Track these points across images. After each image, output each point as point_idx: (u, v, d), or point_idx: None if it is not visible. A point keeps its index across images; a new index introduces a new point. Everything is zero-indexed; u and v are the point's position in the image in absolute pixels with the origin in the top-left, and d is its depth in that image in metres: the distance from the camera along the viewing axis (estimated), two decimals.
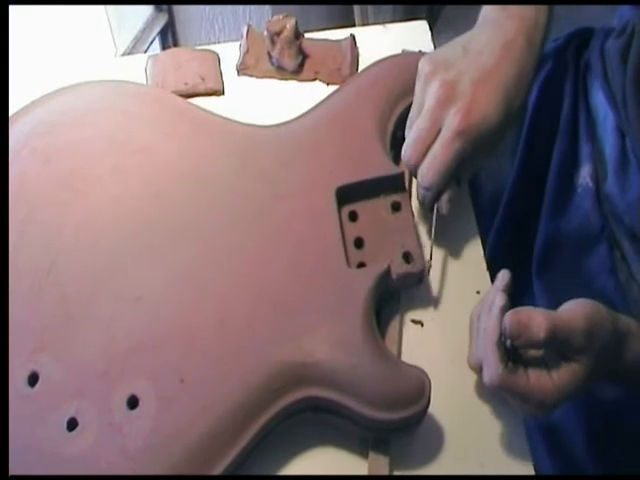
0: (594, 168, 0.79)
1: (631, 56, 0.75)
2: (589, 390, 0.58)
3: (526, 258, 0.80)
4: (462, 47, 0.66)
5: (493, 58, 0.64)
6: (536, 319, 0.55)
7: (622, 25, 0.79)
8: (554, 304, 0.74)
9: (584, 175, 0.79)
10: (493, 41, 0.65)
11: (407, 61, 0.74)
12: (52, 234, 0.65)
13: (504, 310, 0.56)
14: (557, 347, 0.56)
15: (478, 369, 0.60)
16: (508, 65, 0.64)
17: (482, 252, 0.70)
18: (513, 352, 0.57)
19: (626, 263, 0.75)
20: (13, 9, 0.74)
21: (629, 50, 0.75)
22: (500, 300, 0.58)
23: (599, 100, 0.80)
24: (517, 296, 0.79)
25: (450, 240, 0.70)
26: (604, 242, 0.76)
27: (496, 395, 0.62)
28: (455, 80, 0.63)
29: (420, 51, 0.78)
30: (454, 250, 0.70)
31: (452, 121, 0.62)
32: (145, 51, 1.52)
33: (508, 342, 0.56)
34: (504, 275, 0.61)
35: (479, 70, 0.64)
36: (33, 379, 0.59)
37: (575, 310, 0.56)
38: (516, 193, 0.83)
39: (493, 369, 0.55)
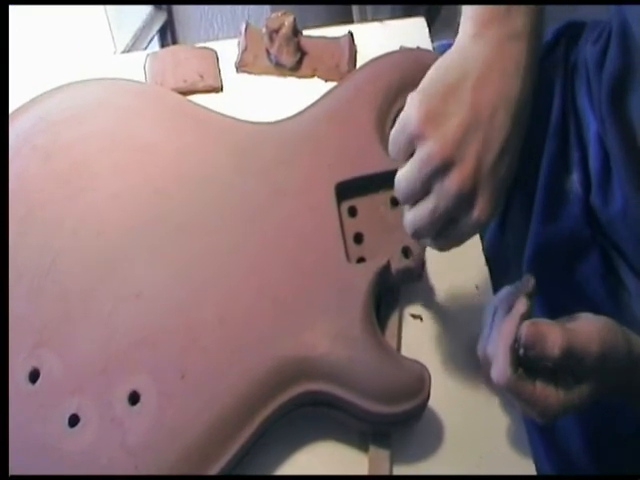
0: (583, 175, 0.76)
1: (607, 64, 0.72)
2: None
3: (518, 261, 0.79)
4: (466, 99, 0.53)
5: (508, 121, 0.54)
6: (553, 335, 0.53)
7: (600, 27, 0.76)
8: (545, 308, 0.74)
9: (574, 181, 0.77)
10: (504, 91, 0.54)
11: (405, 58, 0.74)
12: (52, 231, 0.65)
13: (524, 317, 0.56)
14: (569, 366, 0.55)
15: (485, 362, 0.59)
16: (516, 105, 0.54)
17: (481, 247, 0.71)
18: (525, 359, 0.56)
19: (616, 270, 0.75)
20: (12, 7, 0.74)
21: (606, 56, 0.72)
22: (522, 306, 0.56)
23: (585, 105, 0.77)
24: None
25: None
26: (596, 249, 0.75)
27: (497, 389, 0.62)
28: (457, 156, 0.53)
29: (418, 47, 0.79)
30: None
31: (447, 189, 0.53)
32: (144, 49, 1.53)
33: (521, 350, 0.55)
34: (529, 280, 0.59)
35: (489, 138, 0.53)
36: (34, 376, 0.59)
37: (592, 332, 0.55)
38: (510, 195, 0.82)
39: (502, 371, 0.55)
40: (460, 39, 0.57)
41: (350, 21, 1.34)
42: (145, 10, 1.56)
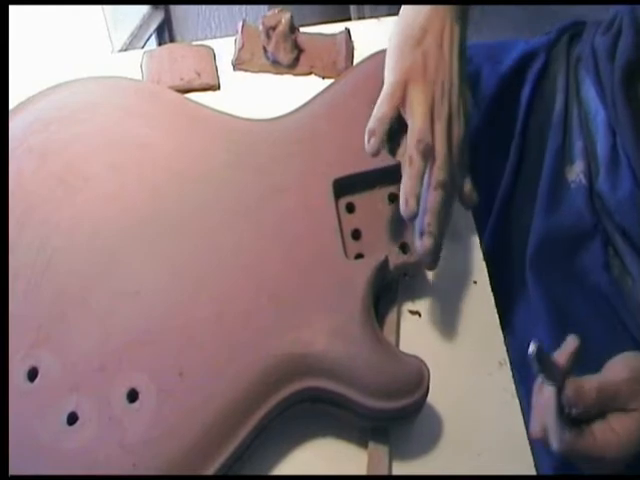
0: (587, 164, 0.78)
1: (618, 54, 0.74)
2: None
3: (521, 253, 0.80)
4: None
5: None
6: (587, 383, 0.56)
7: (609, 20, 0.78)
8: (548, 299, 0.75)
9: (577, 172, 0.78)
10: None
11: None
12: (48, 231, 0.65)
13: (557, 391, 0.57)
14: (610, 404, 0.57)
15: (540, 437, 0.59)
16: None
17: (478, 242, 0.71)
18: (576, 419, 0.57)
19: (619, 258, 0.75)
20: (10, 6, 0.73)
21: (616, 47, 0.75)
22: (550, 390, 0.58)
23: (591, 96, 0.79)
24: (511, 291, 0.79)
25: (446, 231, 0.70)
26: (597, 238, 0.76)
27: (494, 383, 0.62)
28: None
29: None
30: (451, 240, 0.70)
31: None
32: (141, 48, 1.52)
33: (573, 410, 0.56)
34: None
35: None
36: (32, 374, 0.59)
37: (616, 362, 0.58)
38: (511, 189, 0.83)
39: (559, 437, 0.56)
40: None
41: (347, 18, 1.35)
42: (142, 9, 1.56)
